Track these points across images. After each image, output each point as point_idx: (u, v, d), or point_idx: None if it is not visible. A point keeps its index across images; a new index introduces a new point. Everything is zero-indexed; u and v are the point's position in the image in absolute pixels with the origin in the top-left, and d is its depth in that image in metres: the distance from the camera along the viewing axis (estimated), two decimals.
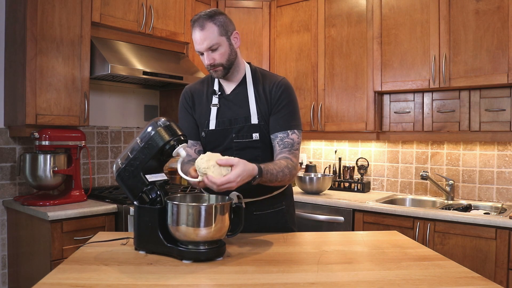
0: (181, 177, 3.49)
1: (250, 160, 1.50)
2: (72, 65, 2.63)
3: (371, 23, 3.08)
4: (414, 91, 3.10)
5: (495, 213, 2.70)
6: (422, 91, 3.09)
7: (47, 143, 2.50)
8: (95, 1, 2.72)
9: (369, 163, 3.45)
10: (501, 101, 2.80)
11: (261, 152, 1.68)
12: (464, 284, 1.15)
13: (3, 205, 2.69)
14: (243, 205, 1.53)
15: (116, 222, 2.57)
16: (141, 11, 2.97)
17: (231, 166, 1.38)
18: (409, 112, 3.17)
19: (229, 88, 1.73)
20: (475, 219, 2.38)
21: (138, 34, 3.00)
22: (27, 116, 2.44)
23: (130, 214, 2.49)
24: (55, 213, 2.31)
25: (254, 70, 1.75)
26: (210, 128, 1.70)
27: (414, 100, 3.16)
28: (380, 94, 3.20)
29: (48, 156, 2.50)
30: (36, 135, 2.49)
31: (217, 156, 1.40)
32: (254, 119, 1.67)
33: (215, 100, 1.71)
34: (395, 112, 3.23)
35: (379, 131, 3.22)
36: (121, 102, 3.34)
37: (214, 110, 1.70)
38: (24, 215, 2.51)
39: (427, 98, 3.10)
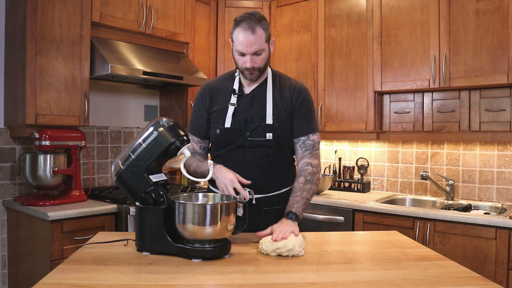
0: (181, 177, 3.50)
1: (261, 158, 1.69)
2: (72, 65, 2.62)
3: (371, 23, 3.08)
4: (414, 91, 3.10)
5: (495, 213, 2.70)
6: (422, 91, 3.09)
7: (47, 143, 2.50)
8: (95, 1, 2.72)
9: (369, 163, 3.45)
10: (501, 101, 2.80)
11: (273, 151, 1.74)
12: (464, 284, 1.15)
13: (3, 205, 2.69)
14: (254, 200, 1.67)
15: (116, 222, 2.57)
16: (141, 11, 2.97)
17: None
18: (409, 112, 3.17)
19: (249, 88, 1.78)
20: (475, 219, 2.38)
21: (138, 34, 3.00)
22: (27, 116, 2.44)
23: (130, 214, 2.49)
24: (55, 213, 2.31)
25: (274, 73, 1.82)
26: (226, 126, 1.73)
27: (414, 100, 3.16)
28: (380, 94, 3.20)
29: (48, 156, 2.50)
30: (36, 135, 2.49)
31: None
32: (269, 120, 1.72)
33: (233, 99, 1.75)
34: (395, 112, 3.23)
35: (379, 131, 3.22)
36: (121, 102, 3.34)
37: (231, 109, 1.74)
38: (24, 215, 2.51)
39: (427, 98, 3.10)
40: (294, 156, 1.87)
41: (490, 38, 2.59)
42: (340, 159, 3.54)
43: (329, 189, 3.36)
